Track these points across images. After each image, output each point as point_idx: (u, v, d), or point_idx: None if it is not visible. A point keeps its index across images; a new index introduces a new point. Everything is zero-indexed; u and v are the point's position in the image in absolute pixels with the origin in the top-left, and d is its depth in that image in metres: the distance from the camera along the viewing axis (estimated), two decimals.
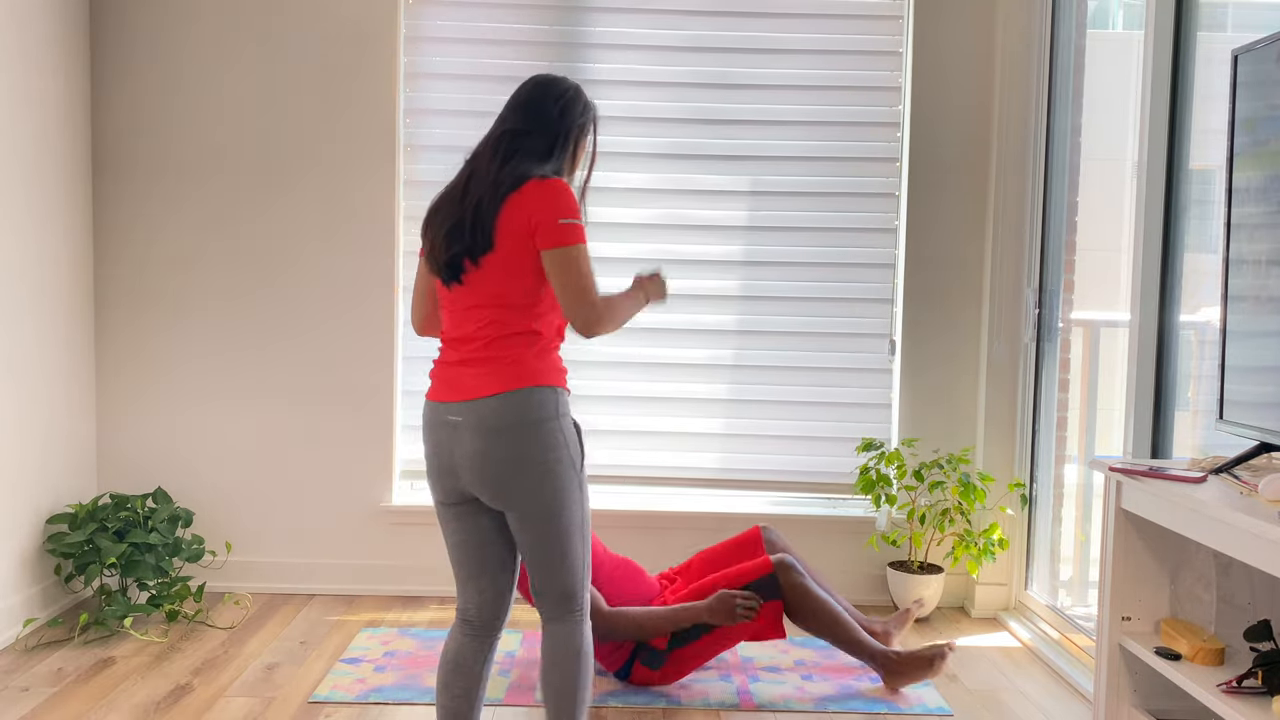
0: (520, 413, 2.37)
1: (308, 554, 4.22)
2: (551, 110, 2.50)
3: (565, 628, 2.46)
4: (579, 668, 2.46)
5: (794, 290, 4.27)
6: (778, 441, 4.28)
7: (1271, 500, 2.21)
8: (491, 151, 2.47)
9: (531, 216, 2.37)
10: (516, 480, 2.37)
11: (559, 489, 2.40)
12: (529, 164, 2.43)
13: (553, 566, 2.43)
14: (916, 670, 3.32)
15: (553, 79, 2.55)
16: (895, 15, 4.22)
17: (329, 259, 4.17)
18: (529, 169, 2.42)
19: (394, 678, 3.38)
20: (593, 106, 2.59)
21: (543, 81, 2.55)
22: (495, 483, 2.38)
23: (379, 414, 4.19)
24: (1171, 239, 3.13)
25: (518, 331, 2.42)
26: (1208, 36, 3.08)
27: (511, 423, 2.37)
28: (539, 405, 2.39)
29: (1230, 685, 2.35)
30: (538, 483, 2.38)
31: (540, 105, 2.50)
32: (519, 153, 2.45)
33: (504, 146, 2.46)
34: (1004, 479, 4.10)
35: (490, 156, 2.46)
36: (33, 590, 3.76)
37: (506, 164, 2.43)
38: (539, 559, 2.43)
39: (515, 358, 2.40)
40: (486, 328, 2.41)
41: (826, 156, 4.24)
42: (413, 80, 4.19)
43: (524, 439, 2.37)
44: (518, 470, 2.37)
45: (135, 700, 3.17)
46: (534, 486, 2.38)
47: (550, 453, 2.39)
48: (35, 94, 3.75)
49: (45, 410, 3.84)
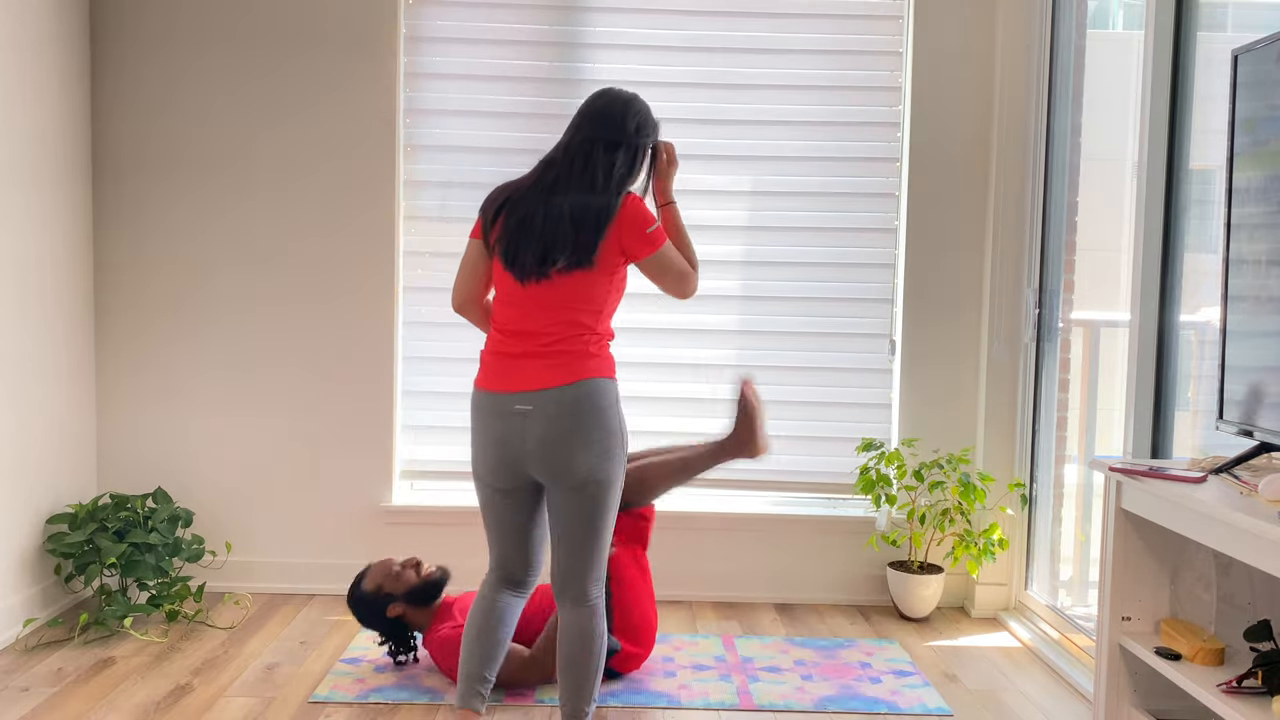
0: (590, 400, 2.65)
1: (308, 554, 4.22)
2: (630, 126, 2.76)
3: (584, 612, 2.73)
4: (597, 650, 2.74)
5: (794, 290, 4.27)
6: (778, 441, 4.27)
7: (1271, 500, 2.21)
8: (583, 161, 2.72)
9: (623, 237, 2.68)
10: (580, 457, 2.64)
11: (612, 470, 2.69)
12: (617, 181, 2.72)
13: (588, 542, 2.70)
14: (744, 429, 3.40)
15: (627, 96, 2.82)
16: (895, 15, 4.22)
17: (329, 259, 4.17)
18: (619, 187, 2.72)
19: (394, 678, 3.38)
20: (658, 125, 2.87)
21: (622, 97, 2.81)
22: (562, 462, 2.64)
23: (379, 414, 4.19)
24: (1171, 239, 3.13)
25: (585, 330, 2.69)
26: (1208, 36, 3.08)
27: (583, 409, 2.64)
28: (602, 394, 2.67)
29: (1230, 685, 2.35)
30: (597, 460, 2.66)
31: (621, 121, 2.76)
32: (609, 167, 2.72)
33: (592, 158, 2.71)
34: (1004, 479, 4.10)
35: (582, 167, 2.71)
36: (33, 590, 3.76)
37: (597, 178, 2.70)
38: (577, 533, 2.69)
39: (581, 352, 2.68)
40: (559, 326, 2.68)
41: (826, 156, 4.24)
42: (413, 80, 4.19)
43: (590, 423, 2.65)
44: (584, 448, 2.64)
45: (135, 700, 3.17)
46: (594, 464, 2.65)
47: (610, 437, 2.67)
48: (35, 94, 3.75)
49: (45, 410, 3.84)
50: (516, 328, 2.69)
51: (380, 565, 3.44)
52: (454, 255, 4.44)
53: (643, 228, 2.69)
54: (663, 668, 3.50)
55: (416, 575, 3.41)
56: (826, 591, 4.27)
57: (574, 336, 2.67)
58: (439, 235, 4.21)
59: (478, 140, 4.20)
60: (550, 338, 2.66)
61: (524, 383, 2.66)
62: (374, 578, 3.41)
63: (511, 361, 2.68)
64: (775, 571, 4.25)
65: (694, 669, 3.51)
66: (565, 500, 2.68)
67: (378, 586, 3.39)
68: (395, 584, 3.38)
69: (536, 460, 2.66)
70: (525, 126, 4.18)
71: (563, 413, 2.63)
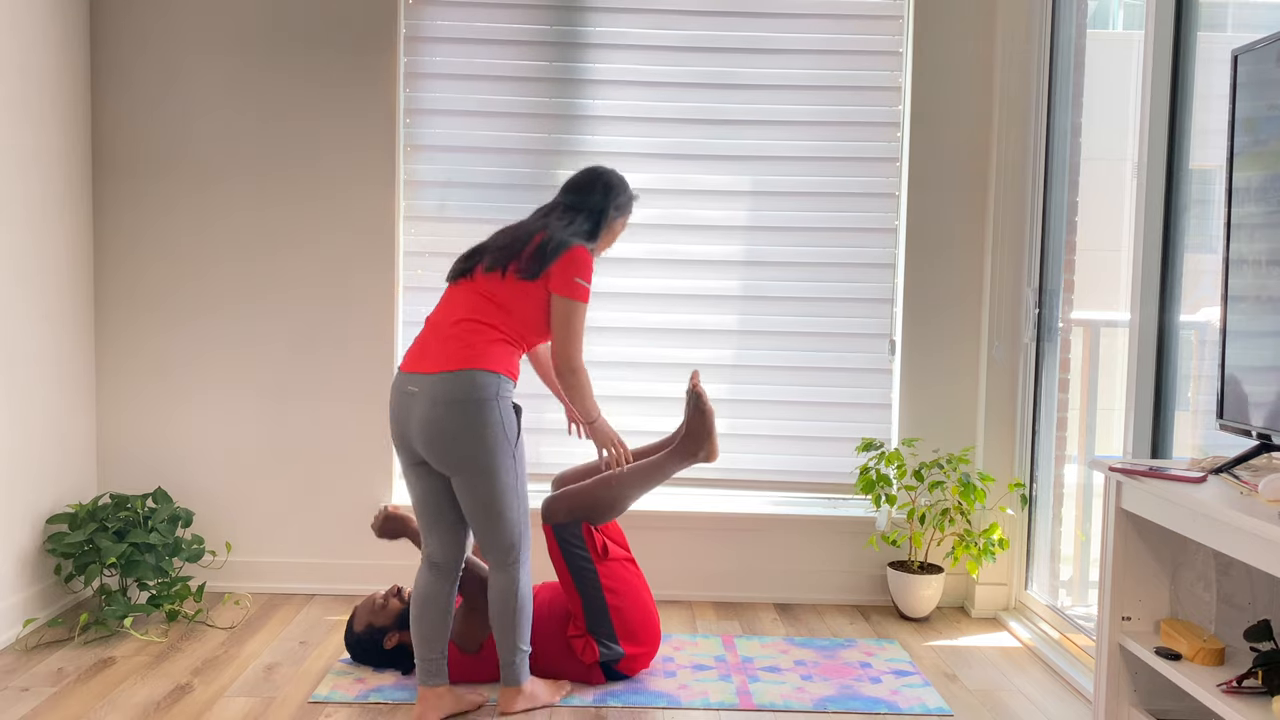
0: (467, 390, 2.88)
1: (308, 554, 4.22)
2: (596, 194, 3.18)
3: (505, 575, 3.02)
4: (516, 606, 3.04)
5: (794, 290, 4.27)
6: (778, 441, 4.28)
7: (1271, 500, 2.21)
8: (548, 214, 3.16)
9: (555, 268, 3.01)
10: (458, 444, 2.88)
11: (493, 461, 2.90)
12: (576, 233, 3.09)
13: (489, 522, 2.95)
14: (698, 425, 3.40)
15: (598, 171, 3.24)
16: (895, 15, 4.22)
17: (329, 258, 4.17)
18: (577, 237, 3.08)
19: (394, 678, 3.38)
20: (632, 198, 3.26)
21: (594, 172, 3.24)
22: (440, 447, 2.89)
23: (379, 414, 4.19)
24: (1171, 239, 3.13)
25: (487, 329, 2.96)
26: (1208, 36, 3.08)
27: (458, 398, 2.87)
28: (482, 385, 2.89)
29: (1230, 685, 2.35)
30: (474, 449, 2.88)
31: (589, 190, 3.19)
32: (570, 221, 3.12)
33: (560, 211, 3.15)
34: (1004, 479, 4.10)
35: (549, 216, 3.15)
36: (33, 590, 3.76)
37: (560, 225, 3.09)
38: (477, 514, 2.96)
39: (475, 343, 2.93)
40: (465, 320, 2.97)
41: (826, 156, 4.24)
42: (413, 80, 4.19)
43: (466, 412, 2.87)
44: (460, 435, 2.88)
45: (135, 700, 3.17)
46: (472, 452, 2.88)
47: (488, 428, 2.89)
48: (35, 94, 3.75)
49: (45, 410, 3.84)
50: (434, 318, 3.04)
51: (363, 604, 3.45)
52: (454, 255, 4.45)
53: (573, 273, 3.00)
54: (663, 668, 3.50)
55: (401, 602, 3.43)
56: (826, 591, 4.27)
57: (474, 330, 2.95)
58: (439, 235, 4.22)
59: (478, 140, 4.20)
60: (453, 328, 2.97)
61: (418, 364, 2.95)
62: (361, 618, 3.42)
63: (418, 344, 3.01)
64: (775, 571, 4.25)
65: (694, 669, 3.51)
66: (456, 484, 2.94)
67: (367, 625, 3.40)
68: (383, 617, 3.39)
69: (420, 442, 2.92)
70: (525, 126, 4.19)
71: (437, 400, 2.87)
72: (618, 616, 3.33)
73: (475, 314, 2.97)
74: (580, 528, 3.31)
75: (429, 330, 3.02)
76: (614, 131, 4.21)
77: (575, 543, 3.31)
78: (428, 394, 2.89)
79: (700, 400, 3.43)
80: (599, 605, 3.31)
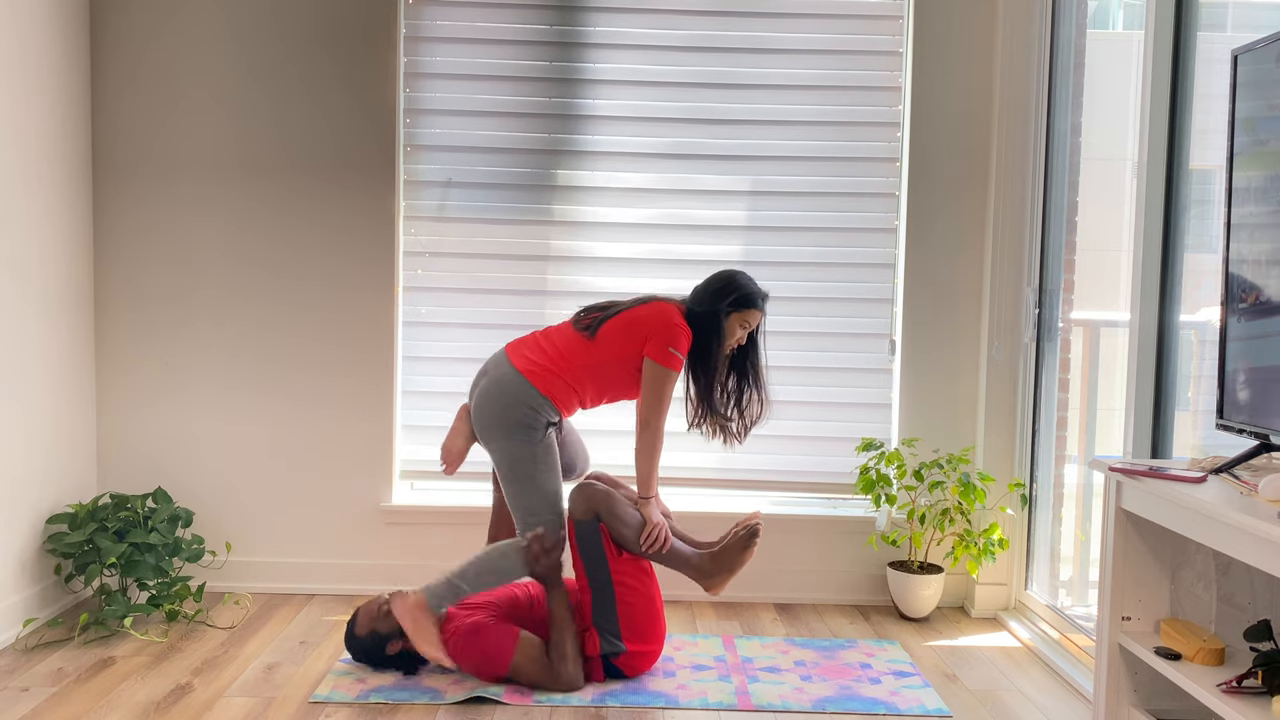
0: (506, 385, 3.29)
1: (308, 554, 4.22)
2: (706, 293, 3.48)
3: (514, 540, 3.34)
4: (497, 560, 3.32)
5: (794, 290, 4.27)
6: (778, 441, 4.27)
7: (1271, 500, 2.21)
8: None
9: (650, 332, 3.35)
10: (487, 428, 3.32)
11: (511, 449, 3.29)
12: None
13: (510, 497, 3.34)
14: (732, 559, 3.37)
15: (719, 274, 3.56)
16: (895, 15, 4.22)
17: (329, 259, 4.17)
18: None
19: (394, 678, 3.38)
20: (739, 298, 3.49)
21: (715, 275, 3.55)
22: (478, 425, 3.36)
23: (379, 414, 4.19)
24: (1171, 239, 3.13)
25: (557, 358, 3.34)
26: (1208, 36, 3.08)
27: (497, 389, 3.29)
28: (520, 386, 3.29)
29: (1230, 685, 2.35)
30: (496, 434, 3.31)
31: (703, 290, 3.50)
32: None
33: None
34: (1004, 479, 4.10)
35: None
36: (33, 590, 3.76)
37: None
38: (507, 486, 3.35)
39: (538, 360, 3.33)
40: (548, 347, 3.38)
41: (826, 156, 4.24)
42: (413, 80, 4.19)
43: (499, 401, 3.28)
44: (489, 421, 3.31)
45: (135, 700, 3.17)
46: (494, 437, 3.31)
47: (510, 422, 3.27)
48: (35, 94, 3.74)
49: (45, 410, 3.84)
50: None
51: (365, 609, 3.43)
52: (454, 255, 4.44)
53: (667, 338, 3.31)
54: (663, 667, 3.50)
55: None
56: (826, 591, 4.27)
57: (546, 355, 3.33)
58: (439, 235, 4.22)
59: (478, 140, 4.20)
60: (536, 348, 3.38)
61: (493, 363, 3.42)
62: (364, 623, 3.41)
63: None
64: (775, 571, 4.25)
65: (694, 669, 3.51)
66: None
67: (371, 631, 3.39)
68: (386, 623, 3.37)
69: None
70: (525, 126, 4.19)
71: (488, 385, 3.32)
72: (625, 612, 3.33)
73: (558, 350, 3.36)
74: (599, 524, 3.32)
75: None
76: (614, 131, 4.21)
77: (593, 538, 3.32)
78: (486, 375, 3.39)
79: (752, 542, 3.39)
80: (608, 598, 3.31)
